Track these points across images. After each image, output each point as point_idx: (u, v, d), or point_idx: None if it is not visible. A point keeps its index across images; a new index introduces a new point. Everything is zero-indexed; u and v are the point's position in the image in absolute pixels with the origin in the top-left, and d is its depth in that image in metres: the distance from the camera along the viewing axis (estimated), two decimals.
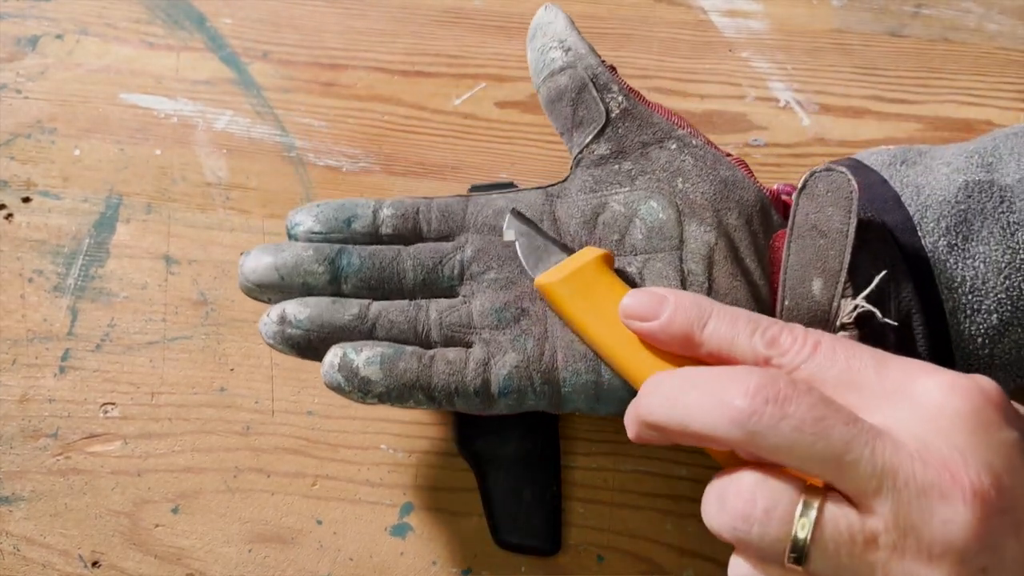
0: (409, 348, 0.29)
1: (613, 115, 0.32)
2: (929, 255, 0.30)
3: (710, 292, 0.30)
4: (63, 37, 0.45)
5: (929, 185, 0.32)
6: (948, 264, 0.30)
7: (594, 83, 0.32)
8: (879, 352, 0.24)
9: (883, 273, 0.29)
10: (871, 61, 0.44)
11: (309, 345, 0.29)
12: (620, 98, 0.32)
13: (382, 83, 0.44)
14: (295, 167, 0.42)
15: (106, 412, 0.38)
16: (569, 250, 0.31)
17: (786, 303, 0.30)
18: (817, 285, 0.29)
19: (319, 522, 0.36)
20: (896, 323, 0.29)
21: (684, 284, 0.30)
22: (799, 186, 0.30)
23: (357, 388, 0.29)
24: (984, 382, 0.23)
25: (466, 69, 0.44)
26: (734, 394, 0.22)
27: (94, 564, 0.35)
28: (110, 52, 0.45)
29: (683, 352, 0.27)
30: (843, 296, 0.29)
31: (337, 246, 0.31)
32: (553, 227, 0.32)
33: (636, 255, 0.31)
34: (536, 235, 0.31)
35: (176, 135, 0.43)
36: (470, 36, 0.45)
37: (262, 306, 0.39)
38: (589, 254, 0.30)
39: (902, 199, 0.31)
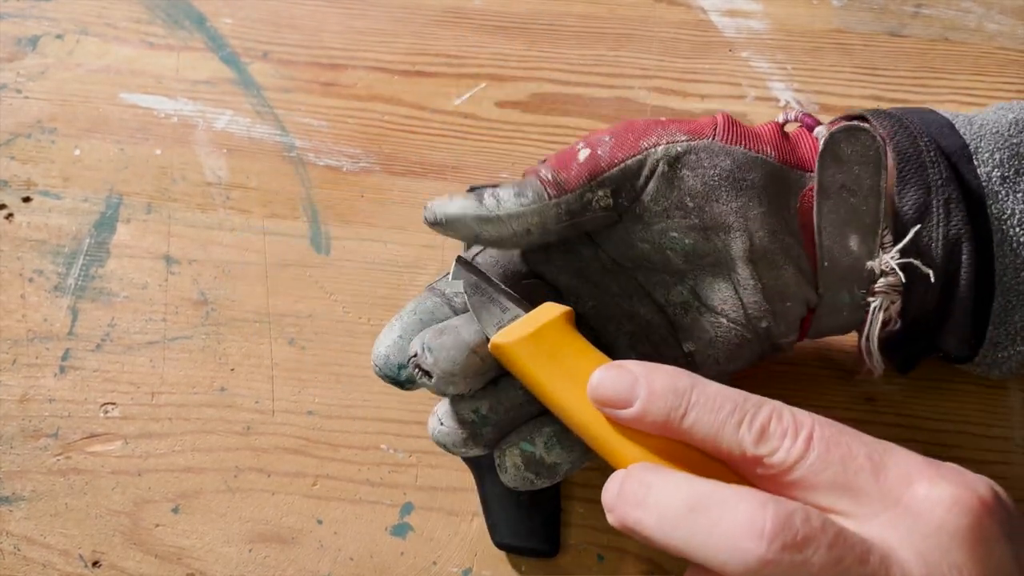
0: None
1: (609, 209, 0.30)
2: (984, 184, 0.30)
3: (763, 292, 0.30)
4: (63, 37, 0.45)
5: (980, 118, 0.32)
6: (1000, 196, 0.30)
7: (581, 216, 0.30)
8: (874, 446, 0.24)
9: (916, 228, 0.29)
10: (871, 61, 0.44)
11: (498, 437, 0.28)
12: (603, 201, 0.30)
13: (382, 83, 0.44)
14: (295, 167, 0.42)
15: (106, 412, 0.38)
16: (525, 305, 0.28)
17: (825, 264, 0.30)
18: (855, 242, 0.30)
19: (319, 522, 0.36)
20: (930, 270, 0.29)
21: (737, 292, 0.30)
22: (821, 148, 0.30)
23: (548, 476, 0.28)
24: (983, 490, 0.23)
25: (466, 69, 0.44)
26: (747, 535, 0.21)
27: (94, 564, 0.35)
28: (110, 52, 0.45)
29: (663, 436, 0.25)
30: (882, 247, 0.29)
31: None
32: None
33: (685, 278, 0.31)
34: (487, 287, 0.28)
35: (176, 135, 0.43)
36: (470, 36, 0.45)
37: (262, 306, 0.39)
38: (551, 311, 0.27)
39: (955, 126, 0.31)
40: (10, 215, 0.41)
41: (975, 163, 0.30)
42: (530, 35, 0.45)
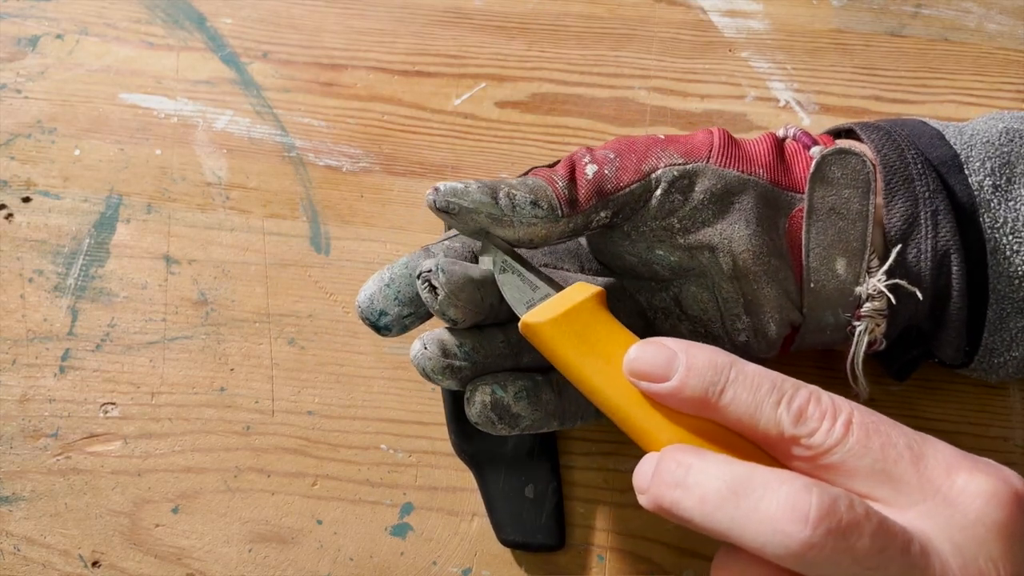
0: (540, 377, 0.29)
1: (606, 226, 0.31)
2: (975, 194, 0.30)
3: (745, 309, 0.30)
4: (63, 37, 0.45)
5: (971, 127, 0.32)
6: (992, 205, 0.30)
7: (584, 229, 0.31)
8: (913, 435, 0.24)
9: (898, 248, 0.29)
10: (871, 61, 0.44)
11: (473, 376, 0.28)
12: (604, 220, 0.30)
13: (382, 83, 0.44)
14: (295, 167, 0.42)
15: (106, 412, 0.38)
16: (557, 285, 0.28)
17: (811, 285, 0.30)
18: (841, 264, 0.29)
19: (319, 522, 0.36)
20: (917, 290, 0.29)
21: (719, 306, 0.30)
22: (811, 169, 0.30)
23: (508, 425, 0.28)
24: (1019, 484, 0.22)
25: (466, 69, 0.44)
26: (790, 518, 0.21)
27: (94, 564, 0.35)
28: (110, 52, 0.45)
29: (698, 415, 0.25)
30: (868, 271, 0.30)
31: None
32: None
33: (670, 286, 0.31)
34: (518, 266, 0.28)
35: (176, 135, 0.43)
36: (470, 36, 0.45)
37: (262, 306, 0.39)
38: (582, 291, 0.27)
39: (945, 136, 0.31)
40: (10, 215, 0.41)
41: (966, 172, 0.30)
42: (530, 35, 0.45)
